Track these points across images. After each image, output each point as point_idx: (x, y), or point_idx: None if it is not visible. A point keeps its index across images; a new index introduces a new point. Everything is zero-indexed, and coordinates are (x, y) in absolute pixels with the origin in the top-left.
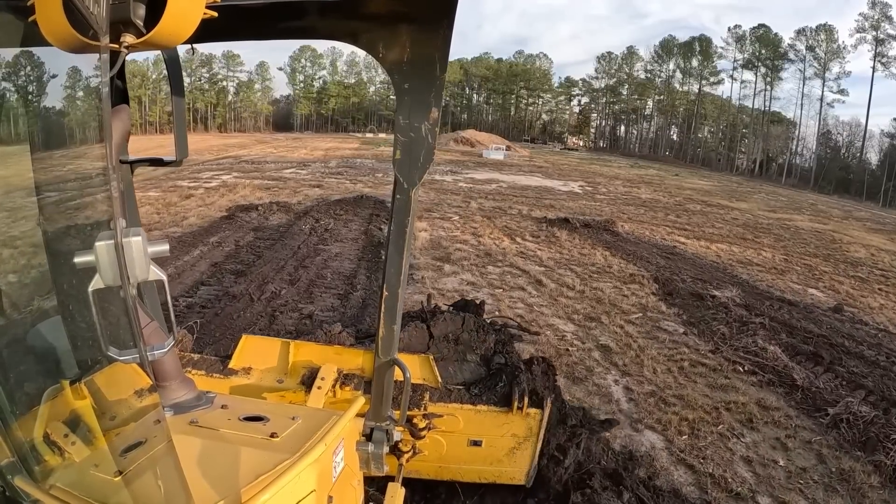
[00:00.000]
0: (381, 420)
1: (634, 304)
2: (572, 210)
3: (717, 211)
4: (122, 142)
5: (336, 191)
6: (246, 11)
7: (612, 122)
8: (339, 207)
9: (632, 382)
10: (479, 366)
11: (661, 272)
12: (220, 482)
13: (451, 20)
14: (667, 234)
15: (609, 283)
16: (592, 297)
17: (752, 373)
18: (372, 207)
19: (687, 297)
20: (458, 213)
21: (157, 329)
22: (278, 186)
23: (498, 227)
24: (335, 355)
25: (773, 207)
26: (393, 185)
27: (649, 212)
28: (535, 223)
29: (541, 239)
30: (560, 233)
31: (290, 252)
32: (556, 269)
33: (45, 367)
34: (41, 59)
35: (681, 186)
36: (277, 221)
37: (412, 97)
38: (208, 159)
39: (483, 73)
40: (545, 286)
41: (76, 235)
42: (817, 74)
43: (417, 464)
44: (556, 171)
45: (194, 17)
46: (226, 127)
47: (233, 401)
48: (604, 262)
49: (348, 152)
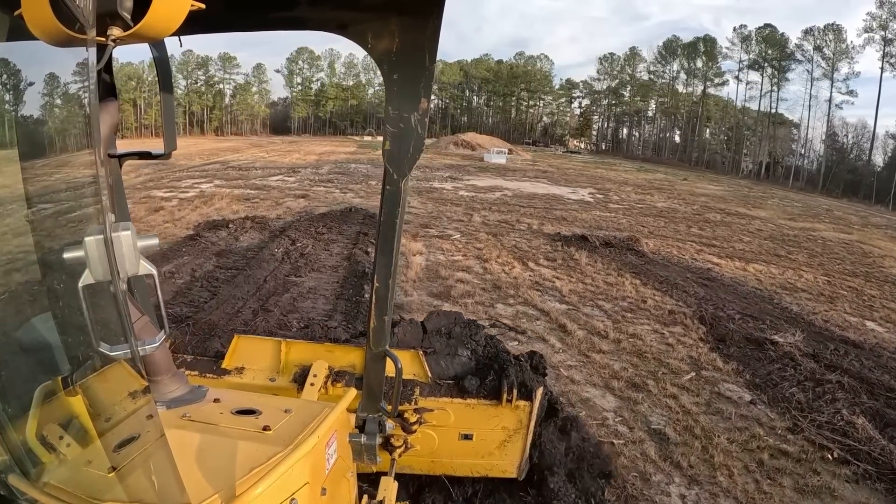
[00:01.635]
0: (374, 411)
1: (683, 357)
2: (587, 224)
3: (738, 221)
4: (111, 135)
5: (323, 202)
6: (234, 2)
7: (614, 124)
8: (322, 224)
9: (705, 497)
10: (469, 360)
11: (702, 306)
12: (213, 476)
13: (440, 10)
14: (696, 253)
15: (647, 326)
16: (631, 349)
17: (843, 461)
18: (360, 223)
19: (742, 343)
20: (459, 230)
21: (148, 323)
22: (259, 197)
23: (506, 247)
24: (326, 352)
25: (791, 215)
26: (383, 176)
27: (670, 224)
28: (549, 241)
29: (557, 263)
30: (579, 254)
31: (254, 287)
32: (581, 307)
33: (37, 364)
34: (27, 51)
35: (693, 192)
36: (248, 243)
37: (401, 88)
38: (195, 164)
39: (483, 75)
40: (571, 334)
41: (65, 230)
42: (825, 75)
43: (409, 459)
44: (562, 177)
45: (182, 8)
46: (222, 130)
47: (225, 394)
48: (635, 295)
49: (343, 156)
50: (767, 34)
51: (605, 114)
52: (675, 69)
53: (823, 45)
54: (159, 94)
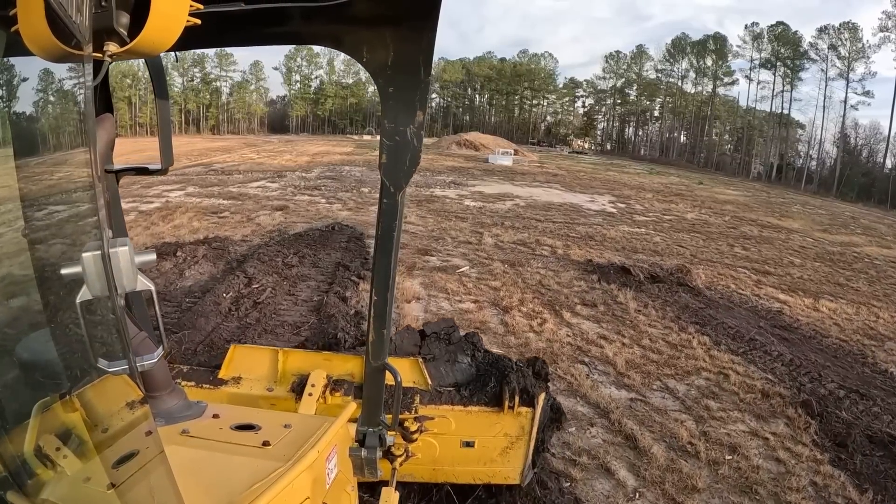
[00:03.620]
0: (374, 425)
1: (806, 486)
2: (618, 244)
3: (776, 236)
4: (107, 151)
5: (303, 216)
6: (229, 18)
7: (619, 124)
8: (294, 249)
9: None
10: (470, 366)
11: (797, 378)
12: (213, 492)
13: (435, 22)
14: (755, 286)
15: (742, 426)
16: (736, 479)
17: None
18: (342, 248)
19: (868, 449)
20: (467, 257)
21: (146, 339)
22: (230, 210)
23: (530, 284)
24: (324, 361)
25: (822, 225)
26: (380, 189)
27: (710, 242)
28: (581, 273)
29: (599, 311)
30: (623, 294)
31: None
32: (647, 394)
33: (34, 380)
34: (23, 68)
35: (715, 199)
36: (193, 280)
37: (397, 100)
38: (177, 167)
39: (486, 73)
40: (645, 455)
41: (62, 246)
42: (841, 75)
43: (411, 467)
44: (574, 181)
45: (178, 24)
46: (218, 129)
47: (224, 409)
48: (710, 364)
49: (338, 157)
50: (780, 32)
51: (610, 113)
52: (684, 67)
53: (839, 43)
54: (155, 104)
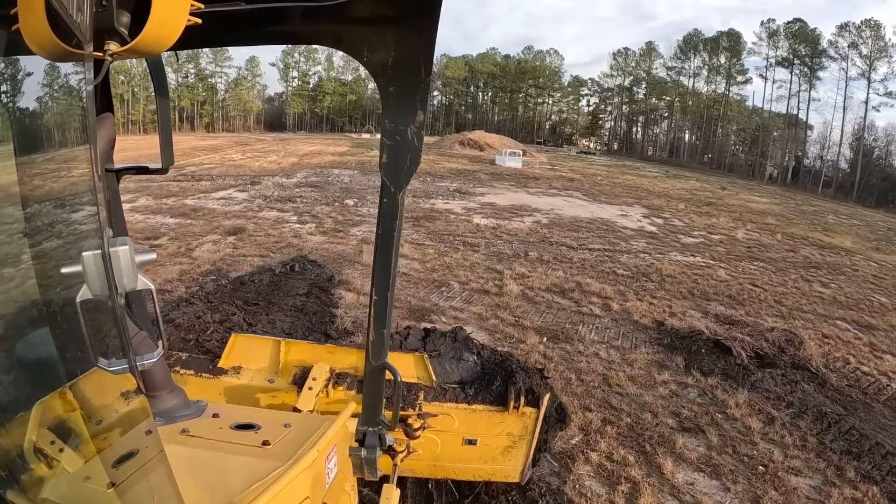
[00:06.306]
0: (374, 425)
1: None
2: (680, 284)
3: (837, 260)
4: (108, 150)
5: (261, 244)
6: (229, 18)
7: (626, 123)
8: (222, 312)
9: None
10: (475, 364)
11: None
12: (213, 491)
13: (436, 22)
14: (872, 353)
15: None
16: None
17: None
18: (298, 308)
19: None
20: (485, 321)
21: (145, 338)
22: (171, 234)
23: (590, 388)
24: (327, 354)
25: (870, 241)
26: (380, 189)
27: (781, 275)
28: (657, 351)
29: (711, 443)
30: (733, 399)
31: None
32: None
33: (35, 379)
34: (24, 67)
35: (748, 208)
36: None
37: (398, 100)
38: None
39: (490, 70)
40: None
41: (62, 245)
42: (863, 75)
43: (412, 462)
44: (595, 188)
45: (178, 24)
46: (213, 126)
47: (224, 409)
48: None
49: (329, 158)
50: (797, 29)
51: (617, 112)
52: (696, 65)
53: (860, 41)
54: (156, 102)
